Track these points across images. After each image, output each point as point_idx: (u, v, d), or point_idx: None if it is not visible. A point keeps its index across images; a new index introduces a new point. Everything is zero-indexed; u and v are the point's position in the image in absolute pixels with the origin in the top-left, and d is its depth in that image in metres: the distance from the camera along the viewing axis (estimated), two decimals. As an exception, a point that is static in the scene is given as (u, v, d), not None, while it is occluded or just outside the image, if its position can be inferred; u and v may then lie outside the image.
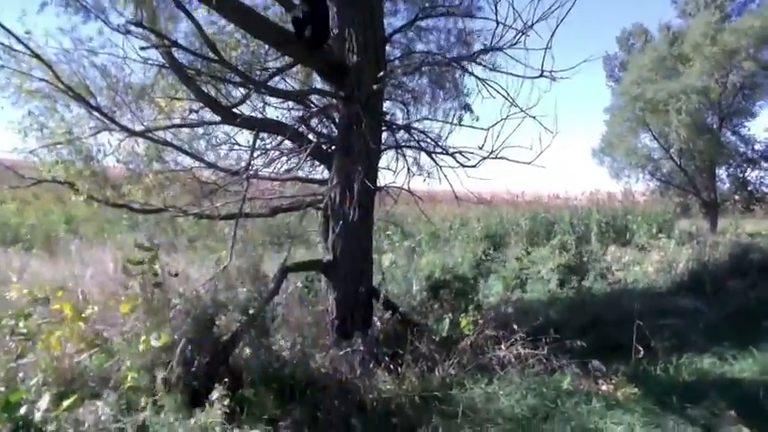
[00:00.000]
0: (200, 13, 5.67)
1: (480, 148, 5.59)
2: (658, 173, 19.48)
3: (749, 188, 18.54)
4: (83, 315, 4.50)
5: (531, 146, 5.25)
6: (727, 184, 19.05)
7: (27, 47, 5.13)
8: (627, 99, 17.89)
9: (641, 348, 5.93)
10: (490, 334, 5.83)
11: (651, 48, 18.95)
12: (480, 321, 5.97)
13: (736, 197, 18.69)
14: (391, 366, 5.17)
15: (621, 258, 11.79)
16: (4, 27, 4.94)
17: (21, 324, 4.56)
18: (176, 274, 4.88)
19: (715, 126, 18.03)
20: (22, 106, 5.89)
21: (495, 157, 5.57)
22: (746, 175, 18.71)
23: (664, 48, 18.11)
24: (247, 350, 4.82)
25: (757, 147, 18.35)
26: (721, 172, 18.92)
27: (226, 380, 4.15)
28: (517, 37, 5.03)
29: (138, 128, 5.78)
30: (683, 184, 18.73)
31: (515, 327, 5.83)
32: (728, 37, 16.20)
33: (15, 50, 5.24)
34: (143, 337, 4.15)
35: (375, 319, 5.87)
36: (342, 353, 5.13)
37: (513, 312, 6.72)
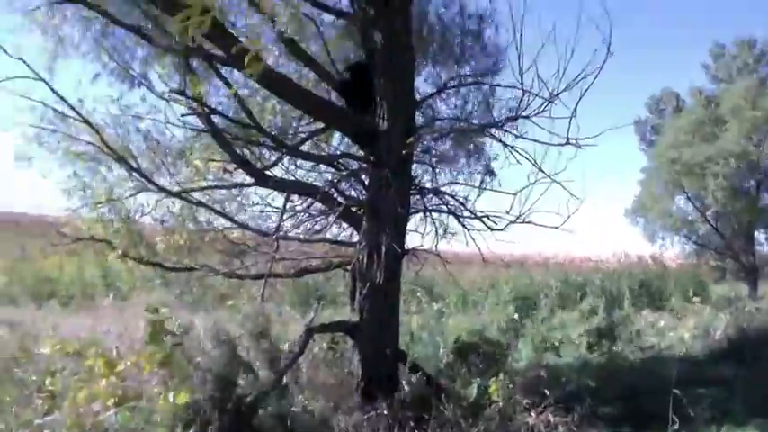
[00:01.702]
0: (235, 75, 5.93)
1: (507, 213, 5.65)
2: (694, 236, 19.14)
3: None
4: (115, 370, 4.56)
5: (558, 211, 5.29)
6: (766, 248, 18.57)
7: (78, 113, 5.48)
8: (663, 162, 17.86)
9: (677, 419, 5.68)
10: (520, 400, 5.68)
11: (687, 111, 19.04)
12: (509, 386, 5.83)
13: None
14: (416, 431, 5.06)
15: (655, 323, 11.45)
16: (59, 95, 5.31)
17: (47, 381, 4.63)
18: (186, 332, 4.94)
19: (752, 190, 17.79)
20: (68, 168, 6.21)
21: (523, 222, 5.61)
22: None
23: (699, 111, 18.17)
24: (271, 411, 4.79)
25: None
26: (760, 235, 18.52)
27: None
28: (543, 105, 5.15)
29: (175, 189, 6.00)
30: (720, 248, 18.32)
31: (546, 392, 5.67)
32: (768, 101, 16.28)
33: (67, 116, 5.59)
34: (162, 396, 4.18)
35: (401, 382, 5.79)
36: (366, 416, 5.06)
37: (543, 377, 6.54)
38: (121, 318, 6.97)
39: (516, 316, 11.51)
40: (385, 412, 5.14)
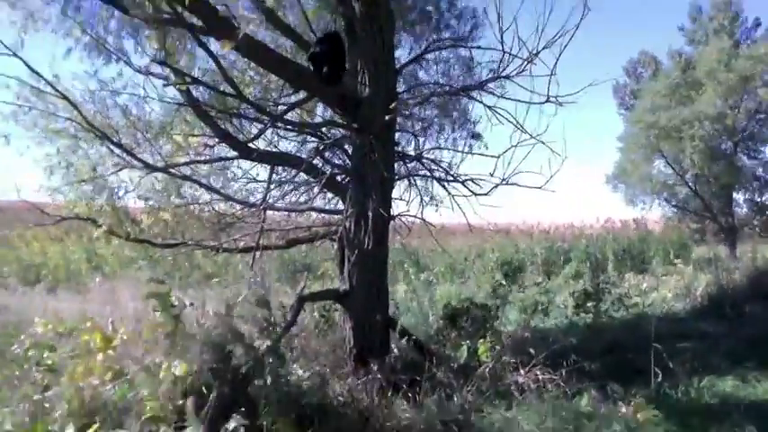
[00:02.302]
0: (213, 48, 5.85)
1: (491, 176, 5.68)
2: (674, 199, 19.43)
3: (767, 212, 18.40)
4: (111, 344, 4.58)
5: (542, 170, 5.34)
6: (745, 209, 18.93)
7: (56, 89, 5.40)
8: (641, 126, 17.98)
9: (660, 372, 5.86)
10: (508, 360, 5.81)
11: (664, 75, 19.12)
12: (498, 348, 5.96)
13: (755, 222, 18.53)
14: (410, 394, 5.16)
15: (639, 285, 11.68)
16: (35, 71, 5.21)
17: (45, 355, 4.65)
18: (192, 304, 4.97)
19: (729, 151, 18.04)
20: (47, 146, 6.12)
21: (507, 184, 5.64)
22: (764, 199, 18.60)
23: (676, 74, 18.28)
24: (265, 380, 4.84)
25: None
26: (738, 197, 18.86)
27: (243, 409, 4.17)
28: (523, 65, 5.17)
29: (159, 164, 5.96)
30: (700, 210, 18.63)
31: (533, 352, 5.81)
32: (743, 63, 16.38)
33: (44, 92, 5.49)
34: (164, 366, 4.21)
35: (392, 346, 5.88)
36: (360, 381, 5.14)
37: (530, 338, 6.68)
38: (111, 297, 6.96)
39: (503, 282, 11.71)
40: (378, 376, 5.24)
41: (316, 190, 5.94)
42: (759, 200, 18.63)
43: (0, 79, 5.50)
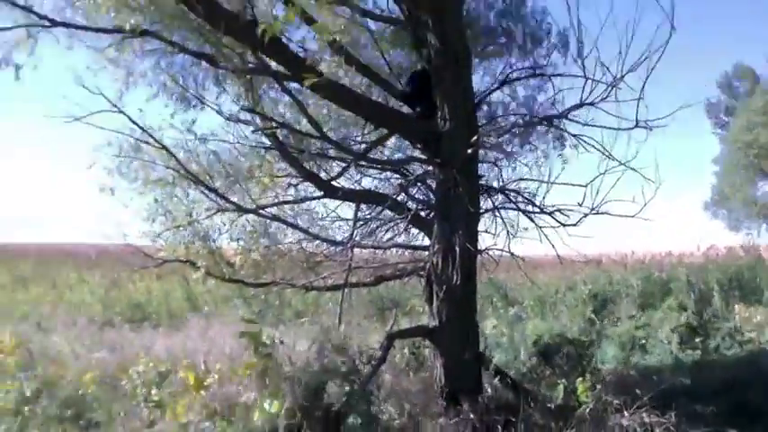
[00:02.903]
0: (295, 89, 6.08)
1: (580, 205, 5.48)
2: (784, 222, 17.97)
3: None
4: (204, 384, 4.75)
5: (634, 198, 5.09)
6: None
7: (157, 141, 5.81)
8: (738, 146, 16.88)
9: (784, 415, 5.31)
10: (610, 401, 5.45)
11: (762, 89, 17.94)
12: (598, 387, 5.62)
13: None
14: (504, 435, 4.97)
15: (751, 318, 10.73)
16: (139, 125, 5.65)
17: (152, 392, 4.89)
18: (282, 342, 5.07)
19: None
20: (148, 195, 6.52)
21: (596, 213, 5.42)
22: None
23: (774, 88, 17.13)
24: (356, 419, 4.83)
25: None
26: None
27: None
28: (607, 90, 5.01)
29: (249, 206, 6.21)
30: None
31: (638, 393, 5.42)
32: None
33: (144, 143, 5.92)
34: (258, 404, 4.30)
35: (485, 385, 5.70)
36: (452, 421, 5.01)
37: (632, 377, 6.27)
38: (207, 335, 7.25)
39: (595, 316, 11.14)
40: (471, 416, 5.08)
41: (401, 226, 5.95)
42: None
43: (101, 136, 5.95)
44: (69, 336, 9.46)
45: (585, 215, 5.53)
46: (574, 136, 5.62)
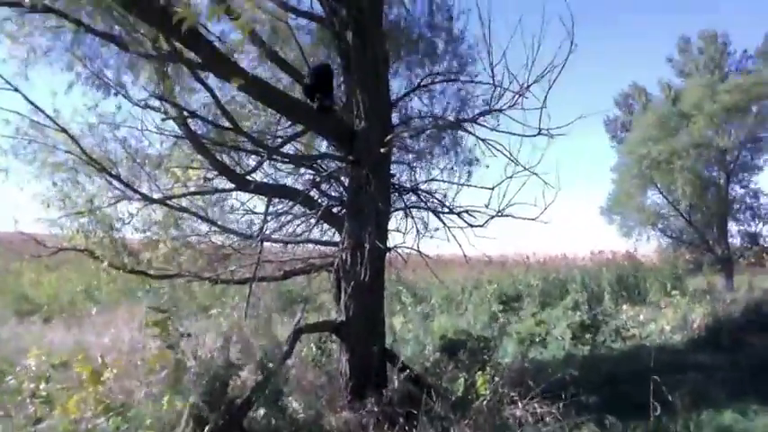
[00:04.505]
0: (211, 83, 5.95)
1: (486, 207, 5.73)
2: (668, 230, 19.50)
3: (760, 242, 18.49)
4: (101, 379, 4.56)
5: (536, 202, 5.39)
6: (739, 239, 19.01)
7: (57, 123, 5.48)
8: (633, 158, 18.20)
9: (659, 405, 5.81)
10: (506, 393, 5.76)
11: (654, 107, 19.43)
12: (496, 380, 5.91)
13: (749, 252, 18.57)
14: (406, 428, 5.11)
15: (636, 317, 11.65)
16: (36, 106, 5.30)
17: (41, 387, 4.63)
18: (189, 335, 4.97)
19: (722, 181, 18.20)
20: (46, 179, 6.15)
21: (502, 215, 5.68)
22: (757, 229, 18.73)
23: (666, 106, 18.56)
24: (261, 412, 4.81)
25: (764, 200, 18.46)
26: (732, 227, 18.95)
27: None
28: (514, 98, 5.27)
29: (157, 196, 6.00)
30: (695, 241, 18.69)
31: (531, 384, 5.76)
32: (727, 95, 16.67)
33: (44, 126, 5.57)
34: (166, 398, 4.20)
35: (389, 380, 5.84)
36: (355, 414, 5.10)
37: (528, 370, 6.64)
38: (106, 329, 6.94)
39: (500, 314, 11.67)
40: (374, 409, 5.19)
41: (312, 222, 5.97)
42: (753, 230, 18.73)
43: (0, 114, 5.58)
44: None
45: (492, 217, 5.78)
46: (482, 140, 5.86)
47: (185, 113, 5.16)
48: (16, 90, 5.28)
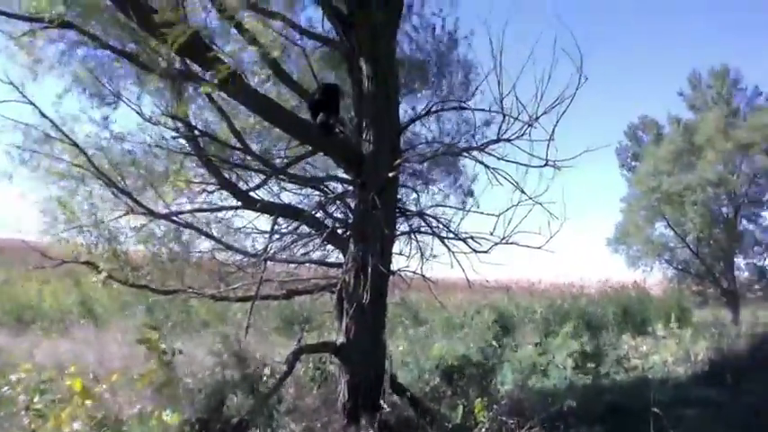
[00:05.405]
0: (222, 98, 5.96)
1: (491, 234, 5.73)
2: (675, 261, 19.43)
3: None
4: (91, 393, 4.52)
5: (541, 231, 5.38)
6: (746, 273, 18.92)
7: (66, 135, 5.52)
8: (643, 190, 18.25)
9: (661, 440, 5.71)
10: (505, 421, 5.68)
11: (667, 140, 19.46)
12: (495, 408, 5.84)
13: (756, 286, 18.48)
14: (402, 454, 5.05)
15: (639, 347, 11.54)
16: (48, 118, 5.35)
17: (36, 399, 4.59)
18: (181, 352, 4.94)
19: (730, 216, 18.19)
20: (50, 188, 6.14)
21: (506, 243, 5.67)
22: (765, 263, 18.67)
23: (678, 140, 18.61)
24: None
25: (772, 235, 18.44)
26: (740, 261, 18.89)
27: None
28: (523, 129, 5.30)
29: (161, 211, 6.01)
30: (702, 273, 18.60)
31: (531, 413, 5.69)
32: (741, 133, 16.77)
33: (51, 137, 5.60)
34: (155, 414, 4.16)
35: (385, 402, 5.78)
36: (351, 438, 5.04)
37: (528, 399, 6.56)
38: (99, 343, 6.90)
39: (495, 341, 11.56)
40: (370, 432, 5.14)
41: (317, 242, 5.97)
42: (761, 264, 18.67)
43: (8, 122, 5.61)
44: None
45: (496, 243, 5.78)
46: (489, 168, 5.87)
47: (195, 131, 5.20)
48: (30, 102, 5.35)
